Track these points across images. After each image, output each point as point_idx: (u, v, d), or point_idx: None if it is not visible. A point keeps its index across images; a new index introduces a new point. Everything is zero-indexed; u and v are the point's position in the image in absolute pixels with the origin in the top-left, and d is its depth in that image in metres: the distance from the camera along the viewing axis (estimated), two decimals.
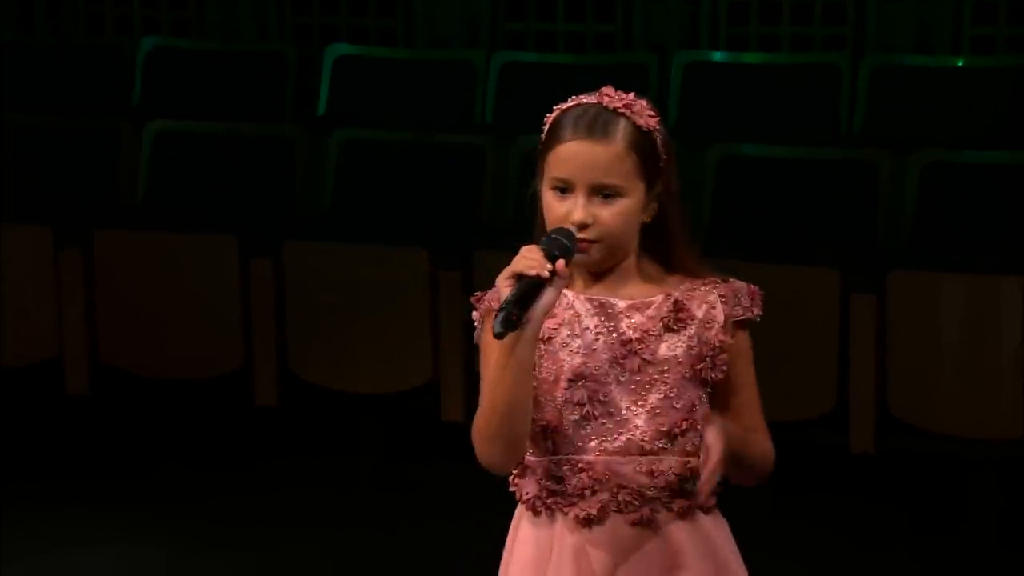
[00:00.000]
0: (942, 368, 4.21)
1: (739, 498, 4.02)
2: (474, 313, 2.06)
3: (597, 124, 2.00)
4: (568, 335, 2.01)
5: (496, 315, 1.90)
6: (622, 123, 2.01)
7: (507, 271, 1.93)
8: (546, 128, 2.04)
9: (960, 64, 5.11)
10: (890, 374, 4.26)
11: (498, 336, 1.90)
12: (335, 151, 5.05)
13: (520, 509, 2.07)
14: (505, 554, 2.08)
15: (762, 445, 2.09)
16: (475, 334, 2.05)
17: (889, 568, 4.04)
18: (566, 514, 2.01)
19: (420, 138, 4.95)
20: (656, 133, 2.03)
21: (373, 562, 4.00)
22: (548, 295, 1.93)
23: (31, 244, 4.90)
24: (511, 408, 1.95)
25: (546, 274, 1.91)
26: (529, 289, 1.92)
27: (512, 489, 2.07)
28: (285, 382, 4.69)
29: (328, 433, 4.76)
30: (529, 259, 1.92)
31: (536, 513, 2.04)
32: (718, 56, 5.31)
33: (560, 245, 1.96)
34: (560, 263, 1.93)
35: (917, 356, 4.24)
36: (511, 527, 2.08)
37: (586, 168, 1.98)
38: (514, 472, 2.05)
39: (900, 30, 5.38)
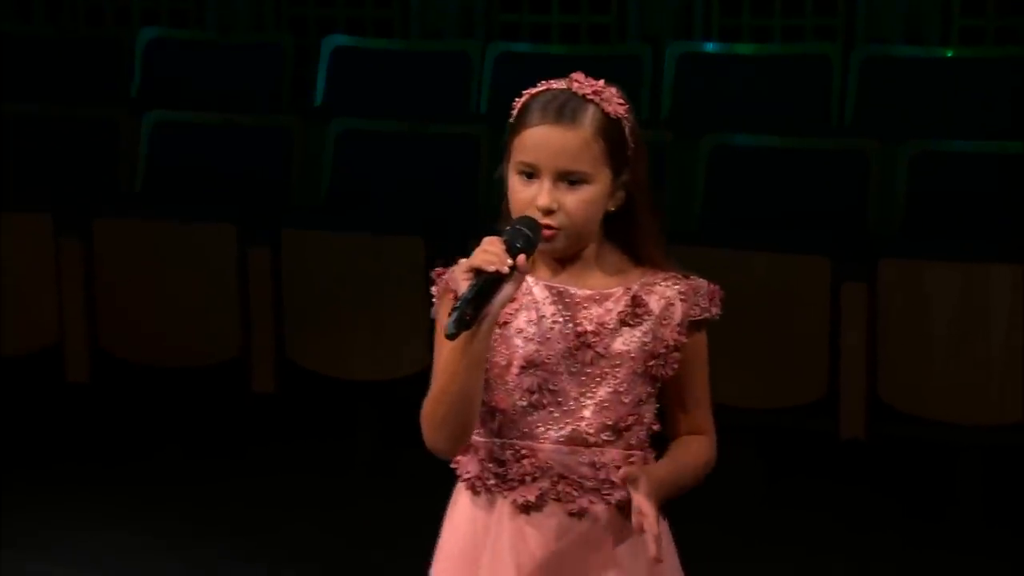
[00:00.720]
0: (932, 355, 4.22)
1: (731, 484, 4.04)
2: (432, 288, 2.03)
3: (566, 110, 1.97)
4: (524, 321, 1.98)
5: (450, 314, 1.86)
6: (591, 109, 1.98)
7: (466, 263, 1.89)
8: (515, 112, 2.00)
9: (949, 55, 5.11)
10: (880, 361, 4.27)
11: (450, 337, 1.86)
12: (332, 141, 5.06)
13: (460, 486, 2.05)
14: (442, 531, 2.06)
15: (700, 457, 2.05)
16: (432, 309, 2.02)
17: (879, 552, 4.06)
18: (505, 498, 2.00)
19: (415, 128, 4.95)
20: (625, 121, 2.00)
21: (369, 546, 4.00)
22: (507, 289, 1.89)
23: (31, 233, 4.90)
24: (461, 398, 1.93)
25: (506, 270, 1.87)
26: (486, 286, 1.87)
27: (453, 466, 2.04)
28: (282, 369, 4.70)
29: (324, 419, 4.76)
30: (489, 253, 1.88)
31: (476, 493, 2.02)
32: (711, 47, 5.32)
33: (523, 236, 1.91)
34: (521, 258, 1.88)
35: (907, 343, 4.25)
36: (450, 503, 2.06)
37: (553, 153, 1.95)
38: None
39: (890, 21, 5.39)
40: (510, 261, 1.87)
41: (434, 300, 2.03)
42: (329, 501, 4.31)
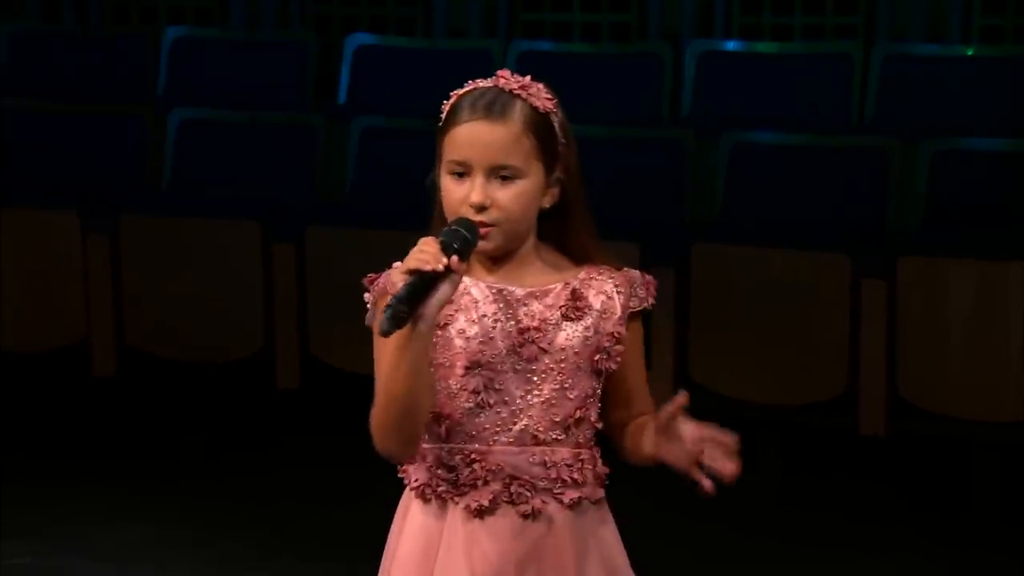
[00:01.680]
0: (951, 352, 4.21)
1: (748, 481, 4.03)
2: (366, 295, 2.00)
3: (495, 105, 1.95)
4: (464, 322, 1.96)
5: (384, 311, 1.84)
6: (518, 104, 1.96)
7: (403, 265, 1.87)
8: (443, 114, 1.99)
9: (970, 53, 5.09)
10: (900, 358, 4.25)
11: (384, 334, 1.84)
12: (355, 139, 5.06)
13: (408, 494, 2.02)
14: (391, 539, 2.03)
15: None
16: (366, 317, 1.99)
17: (897, 548, 4.04)
18: (457, 503, 1.97)
19: (437, 125, 4.94)
20: (553, 116, 1.98)
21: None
22: (443, 290, 1.86)
23: (59, 230, 4.92)
24: (407, 402, 1.90)
25: (440, 268, 1.85)
26: (420, 284, 1.85)
27: (400, 475, 2.02)
28: (306, 365, 4.70)
29: (348, 415, 4.76)
30: (424, 253, 1.86)
31: (426, 500, 1.99)
32: (732, 46, 5.30)
33: (460, 237, 1.89)
34: (455, 259, 1.86)
35: (926, 340, 4.23)
36: (398, 511, 2.03)
37: (483, 149, 1.93)
38: None
39: (911, 20, 5.37)
40: (445, 260, 1.85)
41: (368, 308, 2.00)
42: (353, 496, 4.31)
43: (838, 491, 4.37)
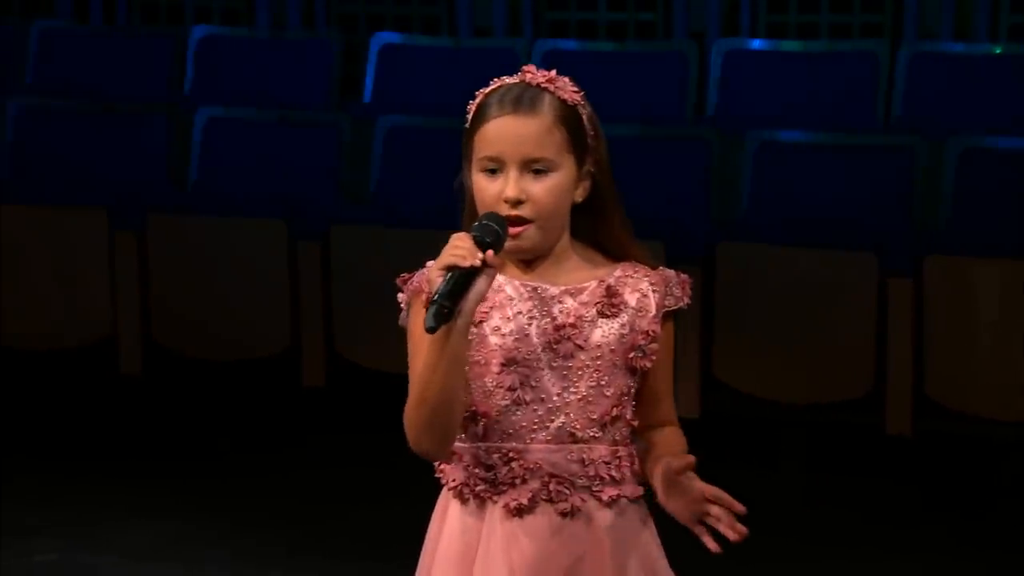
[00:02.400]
0: (978, 351, 4.18)
1: (774, 480, 4.01)
2: (400, 295, 1.99)
3: (523, 99, 1.95)
4: (499, 319, 1.95)
5: (428, 309, 1.83)
6: (547, 97, 1.95)
7: (438, 262, 1.86)
8: (470, 113, 1.98)
9: (998, 52, 5.06)
10: (926, 357, 4.23)
11: (430, 331, 1.83)
12: (380, 137, 5.06)
13: (446, 494, 2.01)
14: (429, 539, 2.03)
15: (681, 443, 2.03)
16: (400, 317, 1.99)
17: (922, 548, 4.02)
18: (495, 502, 1.96)
19: (463, 125, 4.94)
20: (581, 108, 1.97)
21: (418, 541, 4.01)
22: (480, 284, 1.86)
23: (86, 228, 4.94)
24: (444, 398, 1.89)
25: (477, 263, 1.85)
26: (460, 280, 1.85)
27: (438, 475, 2.00)
28: (332, 363, 4.71)
29: (374, 413, 4.77)
30: (459, 249, 1.85)
31: (464, 500, 1.98)
32: (757, 44, 5.29)
33: (491, 231, 1.88)
34: (490, 253, 1.86)
35: (953, 339, 4.21)
36: (436, 511, 2.02)
37: (515, 143, 1.93)
38: None
39: (938, 17, 5.34)
40: (480, 255, 1.85)
41: (401, 307, 1.99)
42: (378, 494, 4.31)
43: (863, 490, 4.35)
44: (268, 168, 5.11)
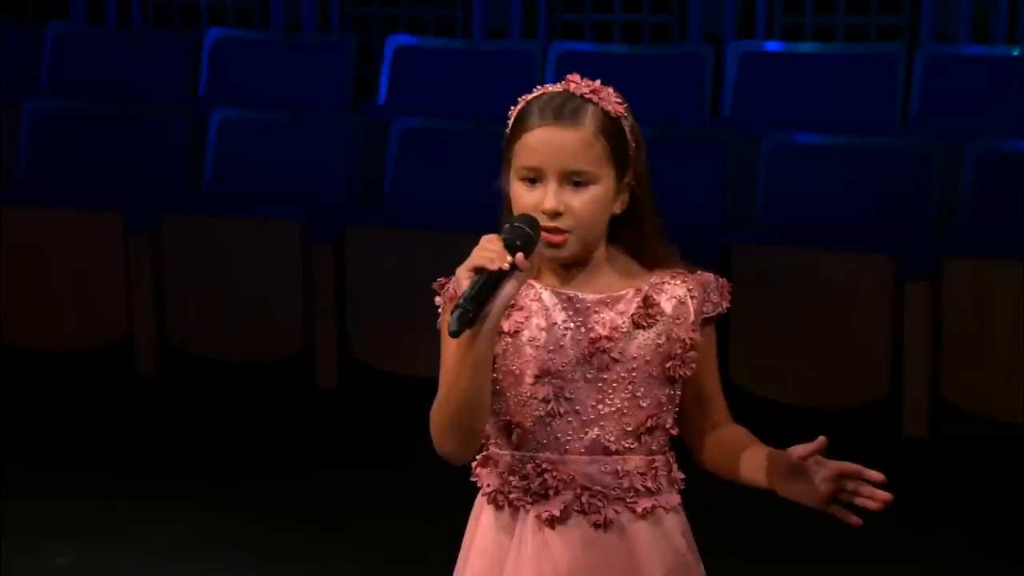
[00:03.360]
0: (996, 354, 4.18)
1: None
2: (436, 299, 1.99)
3: (565, 109, 1.93)
4: (535, 329, 1.94)
5: (452, 312, 1.82)
6: (590, 108, 1.94)
7: (466, 263, 1.85)
8: (511, 120, 1.97)
9: (1016, 54, 5.05)
10: (944, 360, 4.22)
11: (453, 334, 1.82)
12: (394, 139, 5.07)
13: (481, 499, 2.01)
14: (465, 543, 2.02)
15: (749, 434, 2.02)
16: (437, 321, 1.98)
17: (939, 553, 4.01)
18: (528, 512, 1.96)
19: (478, 127, 4.96)
20: (624, 120, 1.97)
21: (433, 542, 4.01)
22: (508, 288, 1.84)
23: (101, 230, 4.95)
24: (468, 401, 1.89)
25: (506, 266, 1.83)
26: (487, 283, 1.83)
27: (473, 479, 2.01)
28: (346, 366, 4.72)
29: (388, 415, 4.78)
30: (488, 251, 1.84)
31: (498, 507, 1.98)
32: (773, 46, 5.28)
33: (522, 233, 1.87)
34: (519, 256, 1.84)
35: (971, 342, 4.20)
36: (472, 515, 2.02)
37: (556, 154, 1.92)
38: (476, 460, 1.99)
39: (956, 20, 5.33)
40: (509, 258, 1.84)
41: (438, 312, 1.99)
42: (393, 497, 4.32)
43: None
44: (282, 170, 5.12)
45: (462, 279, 1.85)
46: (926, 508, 4.27)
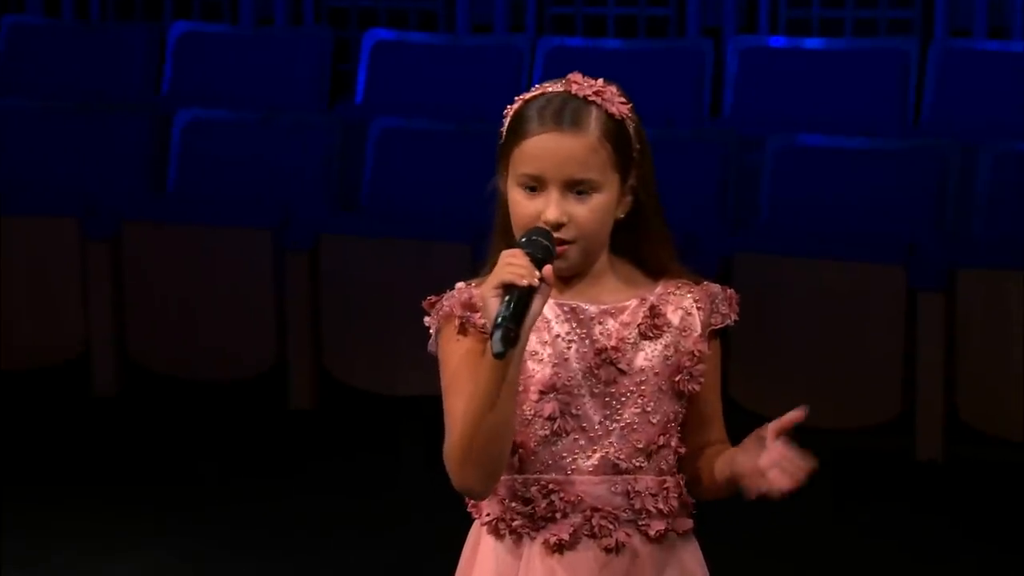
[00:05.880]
0: (1015, 371, 4.19)
1: (798, 509, 4.01)
2: (427, 319, 1.99)
3: (565, 113, 1.93)
4: (536, 343, 1.93)
5: (492, 333, 1.81)
6: (593, 111, 1.94)
7: (493, 280, 1.84)
8: (507, 121, 1.97)
9: None
10: (959, 378, 4.24)
11: (499, 356, 1.81)
12: (373, 141, 5.08)
13: (478, 528, 2.00)
14: (462, 570, 2.01)
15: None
16: (430, 343, 1.98)
17: None
18: (533, 538, 1.96)
19: (462, 128, 4.97)
20: (629, 121, 1.97)
21: (413, 569, 4.02)
22: (536, 305, 1.85)
23: (56, 238, 4.95)
24: (504, 426, 1.88)
25: (536, 283, 1.83)
26: (520, 300, 1.83)
27: (470, 508, 2.00)
28: (322, 383, 4.72)
29: (366, 436, 4.78)
30: (517, 267, 1.84)
31: (499, 536, 1.97)
32: (777, 42, 5.31)
33: (542, 247, 1.88)
34: (547, 269, 1.85)
35: (988, 358, 4.22)
36: (467, 547, 2.01)
37: (559, 162, 1.92)
38: None
39: (971, 13, 5.36)
40: (538, 273, 1.85)
41: (430, 333, 1.99)
42: (375, 524, 4.32)
43: (892, 520, 4.36)
44: (252, 173, 5.12)
45: (489, 298, 1.84)
46: (940, 535, 4.29)
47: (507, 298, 1.84)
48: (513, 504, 1.96)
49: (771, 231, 4.69)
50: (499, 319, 1.82)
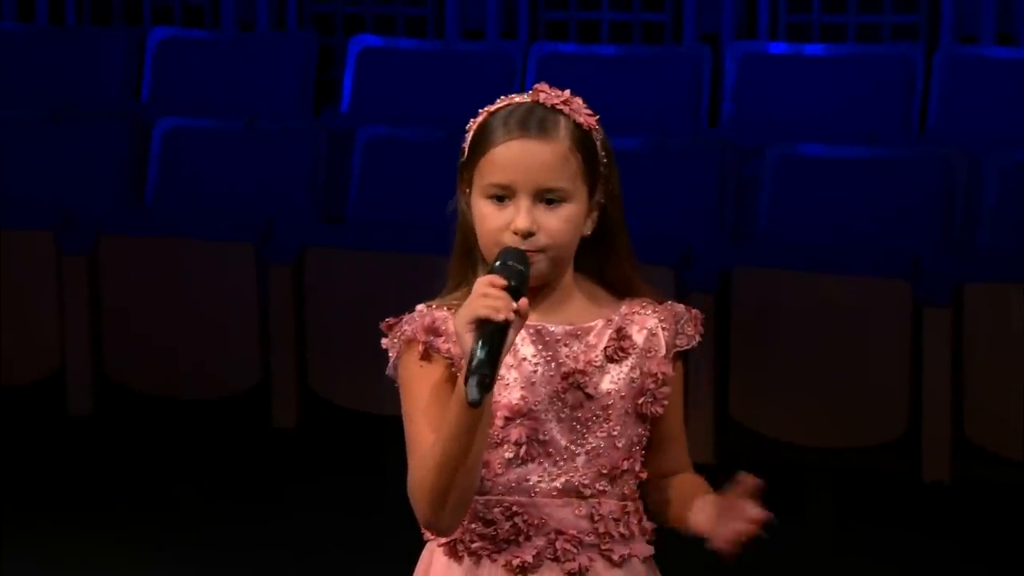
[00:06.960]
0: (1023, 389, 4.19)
1: (800, 531, 4.01)
2: (384, 341, 1.99)
3: (532, 121, 1.94)
4: (503, 367, 1.90)
5: (467, 379, 1.80)
6: (562, 120, 1.95)
7: (467, 314, 1.82)
8: (470, 133, 1.97)
9: None
10: (966, 396, 4.24)
11: (474, 404, 1.81)
12: (359, 150, 5.08)
13: (432, 550, 2.01)
14: None
15: (704, 486, 2.03)
16: (388, 367, 1.99)
17: None
18: (494, 560, 1.96)
19: (451, 137, 4.97)
20: (596, 133, 1.98)
21: None
22: (511, 337, 1.84)
23: (31, 251, 4.94)
24: (473, 472, 1.89)
25: (512, 317, 1.82)
26: (496, 338, 1.81)
27: (425, 530, 2.01)
28: (306, 401, 4.71)
29: (351, 456, 4.78)
30: (493, 299, 1.82)
31: (457, 558, 1.98)
32: (777, 48, 5.32)
33: (517, 273, 1.86)
34: (523, 302, 1.83)
35: (996, 376, 4.22)
36: (418, 570, 2.02)
37: (529, 170, 1.92)
38: None
39: (978, 19, 5.37)
40: (514, 305, 1.84)
41: (390, 356, 1.99)
42: (360, 545, 4.31)
43: (897, 543, 4.36)
44: (234, 184, 5.12)
45: (463, 333, 1.83)
46: (947, 558, 4.28)
47: (482, 339, 1.81)
48: (473, 525, 1.97)
49: (771, 244, 4.69)
50: (475, 363, 1.81)
